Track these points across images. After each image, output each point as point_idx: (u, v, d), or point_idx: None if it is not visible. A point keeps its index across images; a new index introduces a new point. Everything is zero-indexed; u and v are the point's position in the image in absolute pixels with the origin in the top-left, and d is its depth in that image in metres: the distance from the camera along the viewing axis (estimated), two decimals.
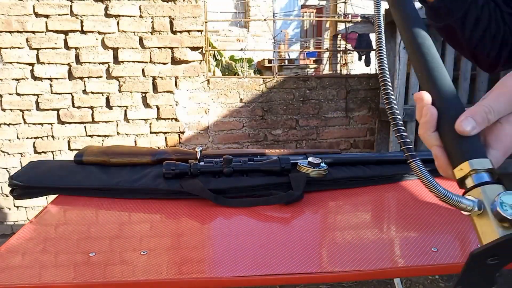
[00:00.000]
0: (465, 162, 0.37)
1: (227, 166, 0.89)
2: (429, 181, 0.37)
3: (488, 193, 0.35)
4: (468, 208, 0.35)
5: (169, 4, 2.13)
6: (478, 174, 0.37)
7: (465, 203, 0.35)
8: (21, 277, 0.54)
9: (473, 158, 0.37)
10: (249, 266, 0.57)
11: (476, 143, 0.38)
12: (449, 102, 0.40)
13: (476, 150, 0.38)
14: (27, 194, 0.89)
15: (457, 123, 0.37)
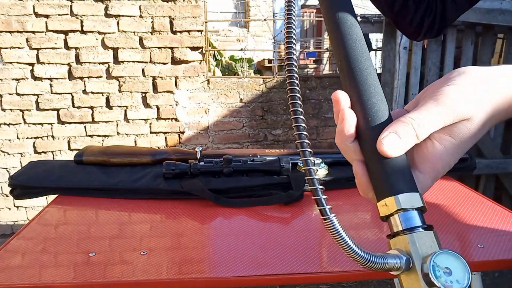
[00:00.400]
0: (390, 198, 0.31)
1: (227, 166, 0.89)
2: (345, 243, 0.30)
3: (419, 245, 0.30)
4: (396, 267, 0.30)
5: (169, 4, 2.13)
6: (406, 214, 0.31)
7: (391, 262, 0.30)
8: (21, 277, 0.54)
9: (401, 192, 0.31)
10: (249, 266, 0.57)
11: (404, 170, 0.31)
12: (372, 108, 0.32)
13: (404, 180, 0.31)
14: (27, 194, 0.89)
15: (379, 141, 0.30)
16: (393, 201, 0.31)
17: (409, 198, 0.31)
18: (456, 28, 2.16)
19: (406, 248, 0.30)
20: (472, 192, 0.89)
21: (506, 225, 0.70)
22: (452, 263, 0.29)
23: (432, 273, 0.28)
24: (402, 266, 0.29)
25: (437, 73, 2.22)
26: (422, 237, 0.30)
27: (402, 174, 0.31)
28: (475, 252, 0.61)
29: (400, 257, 0.30)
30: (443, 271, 0.28)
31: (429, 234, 0.30)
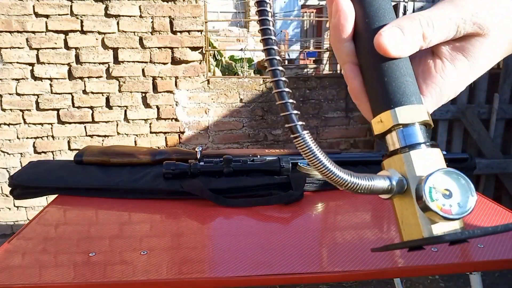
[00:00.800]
0: (387, 112, 0.26)
1: (227, 166, 0.89)
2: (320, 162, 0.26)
3: (416, 164, 0.25)
4: (385, 189, 0.25)
5: (169, 4, 2.13)
6: (405, 130, 0.26)
7: (379, 184, 0.25)
8: (21, 277, 0.54)
9: (400, 104, 0.26)
10: (249, 266, 0.57)
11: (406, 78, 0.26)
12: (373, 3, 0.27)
13: (405, 89, 0.26)
14: (27, 194, 0.89)
15: (378, 34, 0.25)
16: (389, 116, 0.26)
17: (410, 111, 0.26)
18: None
19: (401, 169, 0.26)
20: None
21: None
22: (454, 184, 0.25)
23: (428, 195, 0.24)
24: (393, 188, 0.25)
25: None
26: (422, 155, 0.25)
27: (403, 83, 0.26)
28: (475, 252, 0.61)
29: (391, 178, 0.25)
30: (441, 193, 0.24)
31: (433, 152, 0.26)
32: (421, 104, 0.27)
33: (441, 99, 0.28)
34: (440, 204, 0.24)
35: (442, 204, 0.24)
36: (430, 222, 0.24)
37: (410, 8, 2.04)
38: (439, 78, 0.28)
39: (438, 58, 0.28)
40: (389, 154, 0.27)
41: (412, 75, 0.27)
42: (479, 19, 0.26)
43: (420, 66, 0.29)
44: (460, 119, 2.26)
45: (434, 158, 0.26)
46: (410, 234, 0.26)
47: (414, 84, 0.27)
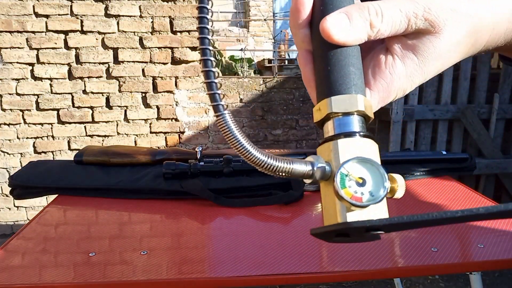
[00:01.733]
0: (325, 100, 0.27)
1: (227, 166, 0.89)
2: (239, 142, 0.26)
3: (341, 152, 0.25)
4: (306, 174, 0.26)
5: (169, 4, 2.13)
6: (341, 120, 0.26)
7: (299, 168, 0.26)
8: (21, 277, 0.54)
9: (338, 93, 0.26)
10: (249, 266, 0.57)
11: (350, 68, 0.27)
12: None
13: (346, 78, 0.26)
14: (27, 194, 0.89)
15: (322, 21, 0.25)
16: (326, 104, 0.27)
17: (347, 101, 0.26)
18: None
19: (328, 156, 0.26)
20: (472, 192, 0.89)
21: (506, 225, 0.70)
22: (369, 173, 0.25)
23: (339, 181, 0.24)
24: (313, 173, 0.26)
25: None
26: (351, 144, 0.26)
27: (346, 72, 0.26)
28: (475, 252, 0.61)
29: (314, 163, 0.26)
30: (355, 180, 0.25)
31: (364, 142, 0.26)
32: (361, 95, 0.26)
33: (388, 95, 0.28)
34: (352, 191, 0.25)
35: (354, 191, 0.25)
36: (346, 209, 0.25)
37: None
38: (388, 74, 0.28)
39: (390, 54, 0.28)
40: (322, 141, 0.27)
41: (358, 66, 0.27)
42: (431, 15, 0.26)
43: (372, 60, 0.28)
44: (460, 119, 2.26)
45: (363, 149, 0.26)
46: (328, 220, 0.26)
47: (358, 75, 0.27)
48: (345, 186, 0.24)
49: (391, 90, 0.28)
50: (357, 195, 0.24)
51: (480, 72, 2.26)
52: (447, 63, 0.28)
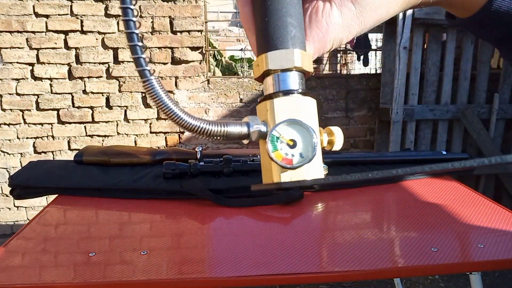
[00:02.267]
0: (262, 55, 0.26)
1: (227, 166, 0.89)
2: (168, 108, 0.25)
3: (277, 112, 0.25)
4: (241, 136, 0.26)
5: (169, 4, 2.13)
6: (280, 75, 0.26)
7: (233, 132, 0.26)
8: (21, 277, 0.54)
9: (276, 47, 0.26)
10: (249, 266, 0.57)
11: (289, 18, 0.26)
12: None
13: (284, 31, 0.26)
14: (27, 194, 0.89)
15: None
16: (263, 60, 0.26)
17: (283, 56, 0.26)
18: (456, 28, 2.16)
19: (265, 116, 0.26)
20: (472, 192, 0.89)
21: (506, 225, 0.70)
22: (299, 135, 0.25)
23: (270, 144, 0.25)
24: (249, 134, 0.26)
25: (437, 73, 2.22)
26: (288, 102, 0.26)
27: (283, 24, 0.26)
28: (475, 252, 0.61)
29: (250, 124, 0.26)
30: (286, 142, 0.25)
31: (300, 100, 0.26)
32: (298, 50, 0.26)
33: (324, 46, 0.28)
34: (283, 154, 0.25)
35: (284, 153, 0.25)
36: (279, 169, 0.26)
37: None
38: (324, 23, 0.27)
39: (328, 1, 0.27)
40: (261, 99, 0.27)
41: (297, 16, 0.26)
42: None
43: (309, 9, 0.28)
44: (460, 119, 2.26)
45: (300, 108, 0.26)
46: (266, 178, 0.27)
47: (297, 27, 0.26)
48: (276, 148, 0.25)
49: (327, 40, 0.27)
50: (288, 157, 0.25)
51: (480, 72, 2.26)
52: (385, 14, 0.27)
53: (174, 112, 0.25)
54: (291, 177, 0.26)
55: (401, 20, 2.05)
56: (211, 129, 0.25)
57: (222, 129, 0.25)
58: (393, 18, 2.13)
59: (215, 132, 0.25)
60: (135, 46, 0.24)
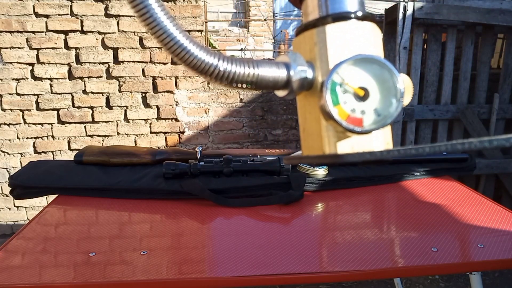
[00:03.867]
0: None
1: (227, 166, 0.89)
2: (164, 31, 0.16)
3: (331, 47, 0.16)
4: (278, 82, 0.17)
5: (169, 4, 2.13)
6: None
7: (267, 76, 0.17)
8: (21, 277, 0.54)
9: None
10: (249, 266, 0.57)
11: None
12: None
13: None
14: (27, 194, 0.89)
15: None
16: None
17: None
18: (456, 28, 2.16)
19: (311, 53, 0.17)
20: (472, 192, 0.89)
21: (506, 225, 0.70)
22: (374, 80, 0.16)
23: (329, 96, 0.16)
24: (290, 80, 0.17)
25: (437, 73, 2.22)
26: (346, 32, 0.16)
27: None
28: (475, 252, 0.61)
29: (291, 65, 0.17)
30: (353, 93, 0.16)
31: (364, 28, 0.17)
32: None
33: None
34: (348, 110, 0.16)
35: (351, 109, 0.16)
36: (336, 135, 0.17)
37: (410, 8, 2.04)
38: None
39: None
40: (301, 28, 0.18)
41: None
42: None
43: None
44: (460, 119, 2.26)
45: (363, 40, 0.17)
46: (310, 147, 0.18)
47: None
48: (338, 102, 0.16)
49: None
50: (355, 114, 0.16)
51: (480, 72, 2.26)
52: None
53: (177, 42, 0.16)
54: (353, 146, 0.17)
55: (401, 20, 2.05)
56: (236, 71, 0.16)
57: (251, 71, 0.16)
58: (393, 18, 2.13)
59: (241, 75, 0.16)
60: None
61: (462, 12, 2.07)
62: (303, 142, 0.18)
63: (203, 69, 0.16)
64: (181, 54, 0.16)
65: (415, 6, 2.04)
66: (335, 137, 0.17)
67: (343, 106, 0.16)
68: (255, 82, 0.17)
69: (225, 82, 0.17)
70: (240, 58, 0.17)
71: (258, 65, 0.17)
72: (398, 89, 0.17)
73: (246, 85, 0.17)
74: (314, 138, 0.17)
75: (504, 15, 2.08)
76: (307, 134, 0.18)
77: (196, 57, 0.16)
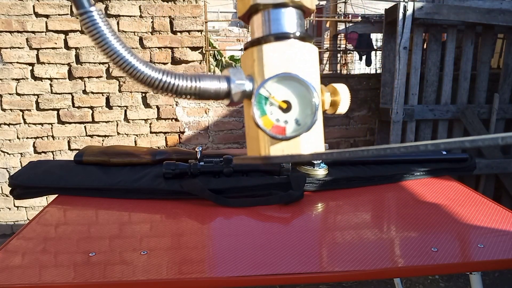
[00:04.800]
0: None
1: (227, 166, 0.89)
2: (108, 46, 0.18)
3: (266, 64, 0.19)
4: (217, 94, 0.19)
5: (169, 4, 2.13)
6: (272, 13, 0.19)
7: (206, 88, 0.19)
8: (21, 277, 0.54)
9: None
10: (249, 266, 0.57)
11: None
12: None
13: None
14: (27, 194, 0.89)
15: None
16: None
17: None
18: (456, 28, 2.16)
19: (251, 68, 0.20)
20: (472, 192, 0.89)
21: (506, 225, 0.70)
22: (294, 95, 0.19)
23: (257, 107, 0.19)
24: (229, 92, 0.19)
25: (437, 73, 2.22)
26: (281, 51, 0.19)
27: None
28: (475, 252, 0.61)
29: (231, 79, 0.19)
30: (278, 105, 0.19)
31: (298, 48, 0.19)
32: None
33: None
34: (274, 119, 0.19)
35: (276, 119, 0.19)
36: (269, 139, 0.19)
37: (410, 8, 2.04)
38: None
39: None
40: (247, 45, 0.21)
41: None
42: None
43: None
44: (460, 119, 2.26)
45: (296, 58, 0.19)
46: (251, 149, 0.21)
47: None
48: (265, 113, 0.19)
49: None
50: (279, 124, 0.19)
51: (480, 72, 2.26)
52: None
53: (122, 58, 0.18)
54: (283, 150, 0.19)
55: (401, 20, 2.05)
56: (178, 84, 0.18)
57: (193, 84, 0.19)
58: (393, 18, 2.13)
59: (184, 88, 0.19)
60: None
61: (462, 12, 2.07)
62: (247, 144, 0.21)
63: (149, 83, 0.18)
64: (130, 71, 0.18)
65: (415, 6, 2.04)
66: (268, 141, 0.19)
67: (269, 116, 0.19)
68: (197, 93, 0.20)
69: (170, 93, 0.19)
70: (183, 73, 0.20)
71: (200, 79, 0.19)
72: (313, 103, 0.19)
73: (190, 96, 0.20)
74: (253, 142, 0.20)
75: (504, 15, 2.08)
76: (249, 137, 0.21)
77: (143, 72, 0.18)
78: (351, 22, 2.65)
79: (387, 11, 2.22)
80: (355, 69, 3.61)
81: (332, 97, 0.22)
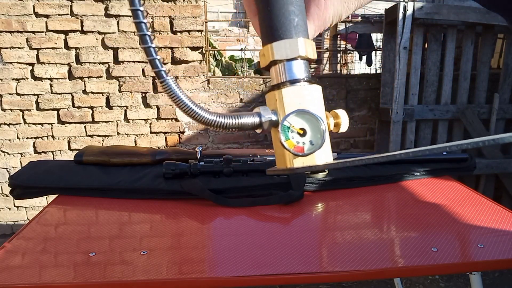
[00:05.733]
0: (267, 46, 0.27)
1: (227, 166, 0.89)
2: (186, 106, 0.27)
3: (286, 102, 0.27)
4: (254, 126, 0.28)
5: (169, 4, 2.13)
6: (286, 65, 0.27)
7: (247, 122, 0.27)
8: (21, 277, 0.54)
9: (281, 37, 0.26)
10: (249, 266, 0.57)
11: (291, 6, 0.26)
12: None
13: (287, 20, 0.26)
14: (27, 194, 0.89)
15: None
16: (269, 50, 0.27)
17: (287, 47, 0.27)
18: (456, 28, 2.16)
19: (275, 105, 0.28)
20: (472, 192, 0.89)
21: (506, 225, 0.70)
22: (307, 124, 0.27)
23: (282, 134, 0.27)
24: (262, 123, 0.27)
25: (437, 73, 2.22)
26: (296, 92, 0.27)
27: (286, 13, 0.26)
28: (475, 252, 0.61)
29: (261, 114, 0.28)
30: (297, 131, 0.27)
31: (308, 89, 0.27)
32: (302, 38, 0.27)
33: (324, 22, 0.29)
34: (295, 142, 0.27)
35: (296, 141, 0.27)
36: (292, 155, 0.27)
37: (410, 8, 2.04)
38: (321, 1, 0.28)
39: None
40: (269, 88, 0.29)
41: (299, 3, 0.27)
42: None
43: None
44: (460, 119, 2.26)
45: (306, 97, 0.28)
46: (280, 163, 0.29)
47: (299, 14, 0.27)
48: (288, 137, 0.27)
49: (326, 17, 0.29)
50: (299, 145, 0.27)
51: (480, 72, 2.26)
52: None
53: (191, 109, 0.26)
54: (303, 162, 0.27)
55: (401, 20, 2.05)
56: (226, 122, 0.27)
57: (236, 121, 0.27)
58: (393, 18, 2.13)
59: (230, 124, 0.27)
60: (149, 48, 0.25)
61: (462, 12, 2.07)
62: (276, 160, 0.29)
63: (208, 123, 0.27)
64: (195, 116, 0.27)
65: (415, 6, 2.04)
66: (292, 157, 0.27)
67: (292, 140, 0.27)
68: (240, 127, 0.28)
69: (221, 129, 0.27)
70: (229, 114, 0.28)
71: (241, 117, 0.28)
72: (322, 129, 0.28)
73: (234, 129, 0.28)
74: (281, 158, 0.28)
75: None
76: (277, 154, 0.29)
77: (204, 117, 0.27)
78: (351, 22, 2.64)
79: (387, 11, 2.22)
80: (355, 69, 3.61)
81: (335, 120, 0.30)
